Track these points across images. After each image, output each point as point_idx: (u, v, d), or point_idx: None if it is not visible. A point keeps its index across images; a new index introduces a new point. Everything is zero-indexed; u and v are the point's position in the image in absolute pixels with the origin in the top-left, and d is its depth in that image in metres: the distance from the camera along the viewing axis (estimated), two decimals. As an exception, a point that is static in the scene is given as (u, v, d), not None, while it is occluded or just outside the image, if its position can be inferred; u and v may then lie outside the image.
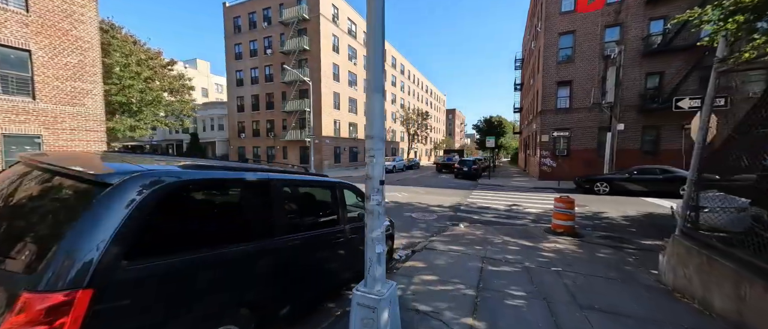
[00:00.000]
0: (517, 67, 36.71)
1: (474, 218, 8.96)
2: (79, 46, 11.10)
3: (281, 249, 2.53)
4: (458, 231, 7.18)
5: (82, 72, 11.20)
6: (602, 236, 6.89)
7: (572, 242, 6.32)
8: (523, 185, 17.14)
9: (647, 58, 16.61)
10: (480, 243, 6.13)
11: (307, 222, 3.02)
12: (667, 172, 12.38)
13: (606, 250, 5.87)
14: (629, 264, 5.12)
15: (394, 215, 9.16)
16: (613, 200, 11.83)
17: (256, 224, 2.39)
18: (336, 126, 31.14)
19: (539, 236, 6.70)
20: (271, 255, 2.45)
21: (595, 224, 8.08)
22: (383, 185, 2.45)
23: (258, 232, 2.37)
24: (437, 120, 72.89)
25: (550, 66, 18.94)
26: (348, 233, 3.57)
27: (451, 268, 4.75)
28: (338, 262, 3.49)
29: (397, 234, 7.16)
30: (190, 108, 22.55)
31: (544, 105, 19.23)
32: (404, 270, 4.64)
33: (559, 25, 18.58)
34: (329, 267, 3.35)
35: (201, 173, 2.01)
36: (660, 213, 9.48)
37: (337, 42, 30.95)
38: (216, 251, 2.02)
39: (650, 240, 6.58)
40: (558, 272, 4.65)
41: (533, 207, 10.53)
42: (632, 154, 16.87)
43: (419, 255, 5.44)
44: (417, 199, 12.29)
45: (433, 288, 3.97)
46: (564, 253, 5.61)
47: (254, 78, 32.81)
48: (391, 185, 17.42)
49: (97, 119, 11.70)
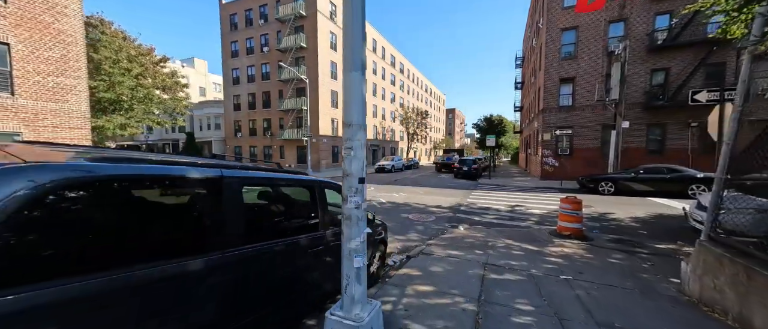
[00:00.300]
0: (517, 66, 36.24)
1: (474, 219, 8.49)
2: (61, 40, 10.62)
3: (238, 263, 2.03)
4: (458, 234, 6.72)
5: (65, 67, 10.72)
6: (612, 239, 6.42)
7: (580, 246, 5.86)
8: (524, 185, 16.67)
9: (652, 54, 16.14)
10: (481, 247, 5.67)
11: (277, 228, 2.54)
12: (675, 171, 11.91)
13: (617, 255, 5.41)
14: (645, 271, 4.66)
15: (390, 217, 8.70)
16: (619, 200, 11.36)
17: (200, 234, 1.90)
18: (334, 125, 30.67)
19: (544, 240, 6.24)
20: (224, 272, 1.95)
21: (602, 226, 7.62)
22: (363, 183, 1.98)
23: (203, 244, 1.88)
24: (437, 120, 72.42)
25: (552, 63, 18.46)
26: (330, 239, 3.10)
27: (450, 276, 4.28)
28: (319, 272, 3.01)
29: (393, 237, 6.70)
30: (184, 106, 22.04)
31: (546, 103, 18.76)
32: (397, 279, 4.18)
33: (562, 21, 18.10)
34: (307, 279, 2.86)
35: (116, 169, 1.53)
36: (670, 214, 9.02)
37: (335, 40, 30.48)
38: (133, 271, 1.53)
39: (663, 244, 6.12)
40: (568, 281, 4.19)
41: (536, 208, 10.06)
42: (637, 153, 16.40)
43: (415, 261, 4.97)
44: (415, 199, 11.83)
45: (428, 301, 3.50)
46: (573, 258, 5.15)
47: (251, 76, 32.33)
48: (388, 185, 16.96)
49: (82, 117, 11.22)
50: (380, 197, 12.23)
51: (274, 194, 2.85)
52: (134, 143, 42.87)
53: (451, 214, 9.18)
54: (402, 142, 48.70)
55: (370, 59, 37.72)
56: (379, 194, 13.13)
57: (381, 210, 9.67)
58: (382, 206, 10.48)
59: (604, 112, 16.70)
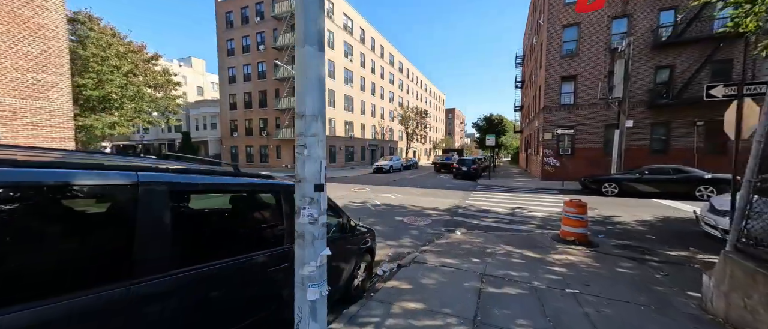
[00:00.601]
0: (517, 65, 35.79)
1: (473, 222, 8.05)
2: (42, 35, 10.19)
3: (159, 295, 1.57)
4: (454, 239, 6.27)
5: (46, 63, 10.28)
6: (619, 245, 5.98)
7: (586, 253, 5.42)
8: (525, 185, 16.22)
9: (657, 50, 15.68)
10: (478, 255, 5.22)
11: (226, 245, 2.08)
12: (682, 172, 11.46)
13: (626, 263, 4.96)
14: (659, 283, 4.21)
15: (383, 220, 8.26)
16: (623, 202, 10.92)
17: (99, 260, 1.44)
18: (331, 125, 30.22)
19: (547, 246, 5.80)
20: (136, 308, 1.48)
21: (608, 231, 7.17)
22: (322, 192, 1.54)
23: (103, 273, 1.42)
24: (437, 120, 71.98)
25: (553, 60, 18.00)
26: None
27: (443, 291, 3.83)
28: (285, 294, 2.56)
29: (384, 243, 6.26)
30: (176, 105, 21.57)
31: (547, 101, 18.30)
32: (384, 293, 3.73)
33: (563, 17, 17.64)
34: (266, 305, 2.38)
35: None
36: (678, 217, 8.57)
37: (332, 38, 30.02)
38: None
39: (675, 250, 5.67)
40: (575, 295, 3.75)
41: (537, 210, 9.61)
42: (640, 153, 15.95)
43: (406, 271, 4.53)
44: (411, 201, 11.38)
45: (416, 322, 3.06)
46: (578, 267, 4.71)
47: (247, 75, 31.87)
48: (385, 186, 16.51)
49: (64, 115, 10.77)
50: (375, 199, 11.78)
51: (226, 203, 2.40)
52: (130, 143, 42.48)
53: (448, 217, 8.74)
54: (401, 142, 48.24)
55: (368, 58, 37.24)
56: (374, 196, 12.68)
57: (375, 213, 9.22)
58: (377, 208, 10.03)
59: (607, 110, 16.25)
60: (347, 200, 11.47)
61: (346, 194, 13.35)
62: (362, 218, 8.43)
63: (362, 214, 8.99)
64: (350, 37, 33.18)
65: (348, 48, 32.76)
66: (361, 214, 8.99)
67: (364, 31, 36.17)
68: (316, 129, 1.49)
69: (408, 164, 32.49)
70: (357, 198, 12.01)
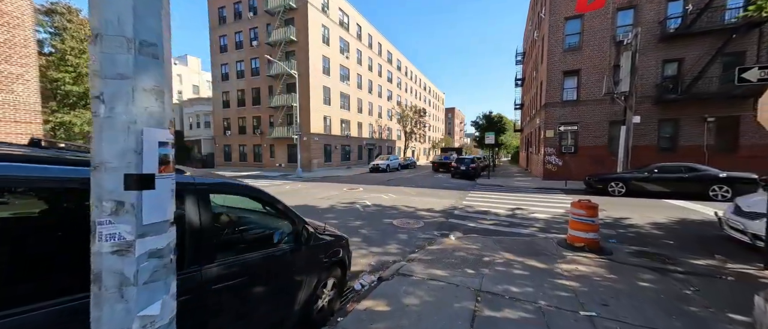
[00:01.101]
0: (518, 62, 35.06)
1: (469, 225, 7.30)
2: (5, 22, 9.43)
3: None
4: (447, 245, 5.51)
5: (9, 53, 9.53)
6: (635, 252, 5.22)
7: (598, 262, 4.67)
8: (526, 185, 15.47)
9: (665, 43, 14.92)
10: (474, 264, 4.48)
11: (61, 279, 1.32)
12: (694, 170, 10.71)
13: (647, 275, 4.22)
14: (691, 301, 3.46)
15: (371, 222, 7.50)
16: (632, 202, 10.18)
17: None
18: (326, 123, 29.44)
19: (553, 253, 5.05)
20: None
21: (620, 235, 6.43)
22: (152, 189, 0.77)
23: None
24: (436, 119, 71.23)
25: (555, 54, 17.24)
26: (223, 274, 1.91)
27: (427, 315, 3.08)
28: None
29: (368, 250, 5.51)
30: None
31: (549, 97, 17.54)
32: (353, 319, 2.98)
33: (566, 9, 16.88)
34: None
35: None
36: (695, 219, 7.83)
37: (328, 33, 29.24)
38: None
39: (700, 259, 4.92)
40: (592, 320, 3.00)
41: (540, 212, 8.86)
42: (647, 150, 15.20)
43: (386, 286, 3.78)
44: (404, 202, 10.63)
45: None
46: (592, 281, 3.96)
47: (240, 72, 31.08)
48: (379, 186, 15.76)
49: (30, 110, 10.01)
50: (366, 200, 11.02)
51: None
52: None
53: (442, 219, 7.98)
54: (399, 141, 47.48)
55: (365, 55, 36.49)
56: (365, 196, 11.92)
57: (363, 215, 8.47)
58: (366, 209, 9.27)
59: (612, 106, 15.50)
60: (336, 201, 10.71)
61: (336, 194, 12.60)
62: (348, 221, 7.69)
63: (348, 216, 8.24)
64: (346, 34, 32.41)
65: (344, 44, 31.99)
66: (347, 216, 8.24)
67: (360, 28, 35.41)
68: (128, 65, 0.74)
69: (406, 164, 31.75)
70: (347, 199, 11.26)
